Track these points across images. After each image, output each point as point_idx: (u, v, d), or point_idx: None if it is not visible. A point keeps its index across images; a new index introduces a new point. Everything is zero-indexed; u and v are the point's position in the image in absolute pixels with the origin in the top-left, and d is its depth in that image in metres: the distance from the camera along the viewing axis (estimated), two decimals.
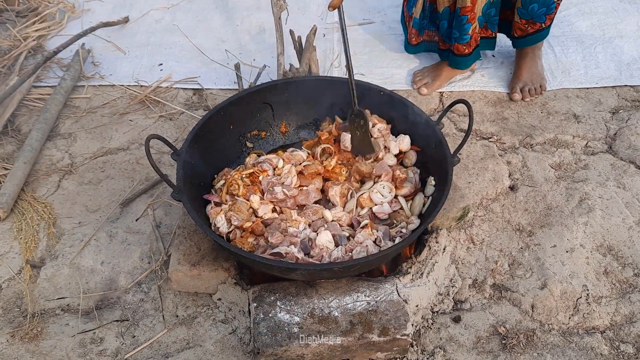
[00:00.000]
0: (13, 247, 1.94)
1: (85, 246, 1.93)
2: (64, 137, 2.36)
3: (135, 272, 1.87)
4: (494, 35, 2.44)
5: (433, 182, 1.79)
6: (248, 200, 1.76)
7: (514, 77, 2.51)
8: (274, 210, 1.78)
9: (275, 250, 1.58)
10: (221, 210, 1.72)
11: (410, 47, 2.62)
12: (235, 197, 1.77)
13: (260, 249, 1.63)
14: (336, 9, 1.70)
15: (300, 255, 1.59)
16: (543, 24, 2.31)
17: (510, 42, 2.53)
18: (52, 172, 2.20)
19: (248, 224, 1.70)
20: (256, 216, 1.76)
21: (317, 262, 1.61)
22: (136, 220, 2.02)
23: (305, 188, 1.81)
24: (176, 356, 1.66)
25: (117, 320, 1.75)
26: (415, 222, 1.72)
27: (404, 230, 1.69)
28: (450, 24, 2.33)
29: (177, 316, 1.76)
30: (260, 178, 1.82)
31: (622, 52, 2.68)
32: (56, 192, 2.13)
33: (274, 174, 1.85)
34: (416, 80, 2.54)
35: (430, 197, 1.77)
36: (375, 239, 1.67)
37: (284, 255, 1.57)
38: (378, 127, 1.90)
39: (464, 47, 2.36)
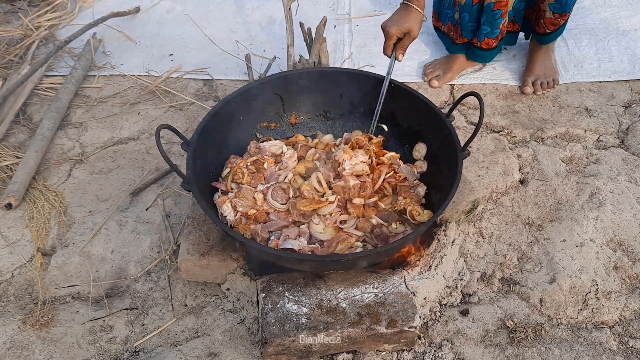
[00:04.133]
0: (24, 235, 1.96)
1: (96, 235, 1.95)
2: (75, 127, 2.37)
3: (145, 261, 1.88)
4: (519, 29, 2.44)
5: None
6: (254, 188, 1.77)
7: (527, 70, 2.49)
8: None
9: (286, 246, 1.59)
10: (227, 198, 1.73)
11: (435, 27, 2.63)
12: (240, 185, 1.77)
13: (272, 241, 1.64)
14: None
15: (310, 247, 1.60)
16: (569, 13, 2.30)
17: (528, 37, 2.52)
18: (63, 161, 2.22)
19: (252, 212, 1.71)
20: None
21: (325, 253, 1.61)
22: (146, 210, 2.03)
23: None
24: (185, 345, 1.67)
25: (126, 309, 1.77)
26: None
27: None
28: (472, 18, 2.30)
29: (186, 305, 1.78)
30: (265, 165, 1.82)
31: (636, 45, 2.65)
32: (67, 181, 2.15)
33: (276, 162, 1.87)
34: (427, 73, 2.52)
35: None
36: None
37: (297, 250, 1.57)
38: (388, 155, 1.89)
39: (493, 41, 2.36)
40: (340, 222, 1.71)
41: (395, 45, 1.92)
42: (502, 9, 2.21)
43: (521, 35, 2.56)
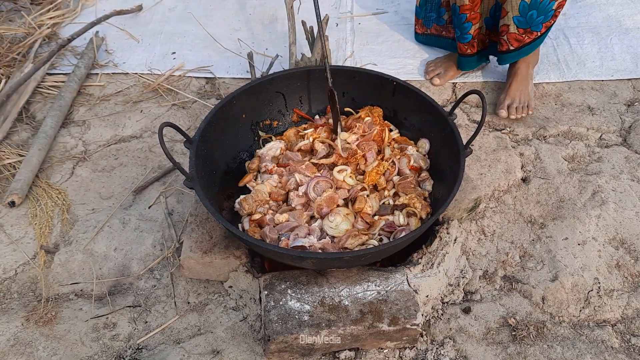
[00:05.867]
0: (28, 233, 1.96)
1: (99, 232, 1.95)
2: (78, 125, 2.38)
3: (148, 258, 1.89)
4: None
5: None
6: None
7: (503, 93, 2.38)
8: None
9: (297, 244, 1.59)
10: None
11: (416, 35, 2.64)
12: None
13: (282, 242, 1.64)
14: None
15: (320, 244, 1.60)
16: (539, 32, 2.21)
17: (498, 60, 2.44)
18: (66, 159, 2.22)
19: (257, 216, 1.71)
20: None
21: (336, 250, 1.62)
22: (149, 208, 2.03)
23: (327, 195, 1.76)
24: (187, 342, 1.68)
25: (129, 306, 1.77)
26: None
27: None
28: None
29: (188, 303, 1.78)
30: (291, 196, 1.80)
31: (639, 44, 2.65)
32: (70, 178, 2.15)
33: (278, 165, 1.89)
34: (429, 71, 2.52)
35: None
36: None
37: (307, 247, 1.58)
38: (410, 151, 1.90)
39: (466, 47, 2.33)
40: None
41: None
42: (467, 13, 2.18)
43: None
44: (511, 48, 2.26)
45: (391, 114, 1.99)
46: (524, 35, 2.21)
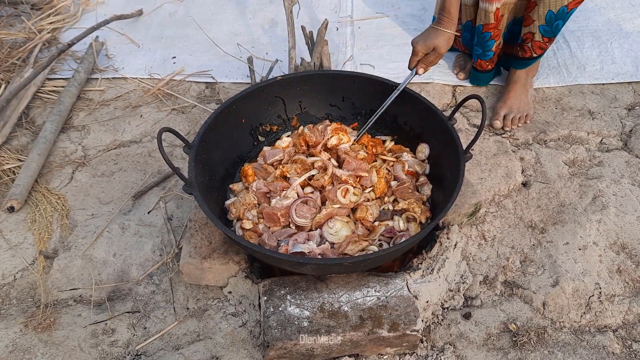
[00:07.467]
0: (27, 238, 1.96)
1: (98, 238, 1.95)
2: (78, 130, 2.38)
3: (147, 264, 1.88)
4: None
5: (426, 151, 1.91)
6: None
7: (500, 101, 2.35)
8: None
9: (296, 250, 1.59)
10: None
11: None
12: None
13: (282, 247, 1.63)
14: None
15: (320, 250, 1.59)
16: (556, 37, 2.23)
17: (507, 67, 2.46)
18: (66, 164, 2.22)
19: (248, 225, 1.71)
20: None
21: (327, 256, 1.61)
22: (148, 213, 2.03)
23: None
24: (186, 348, 1.67)
25: (128, 312, 1.77)
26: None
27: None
28: (473, 37, 2.30)
29: (187, 308, 1.77)
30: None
31: (639, 47, 2.64)
32: (69, 184, 2.15)
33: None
34: (456, 65, 2.56)
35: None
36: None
37: (307, 254, 1.57)
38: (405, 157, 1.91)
39: (487, 64, 2.34)
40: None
41: (420, 61, 1.90)
42: (491, 32, 2.18)
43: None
44: (534, 55, 2.27)
45: (391, 119, 1.99)
46: (547, 43, 2.22)
